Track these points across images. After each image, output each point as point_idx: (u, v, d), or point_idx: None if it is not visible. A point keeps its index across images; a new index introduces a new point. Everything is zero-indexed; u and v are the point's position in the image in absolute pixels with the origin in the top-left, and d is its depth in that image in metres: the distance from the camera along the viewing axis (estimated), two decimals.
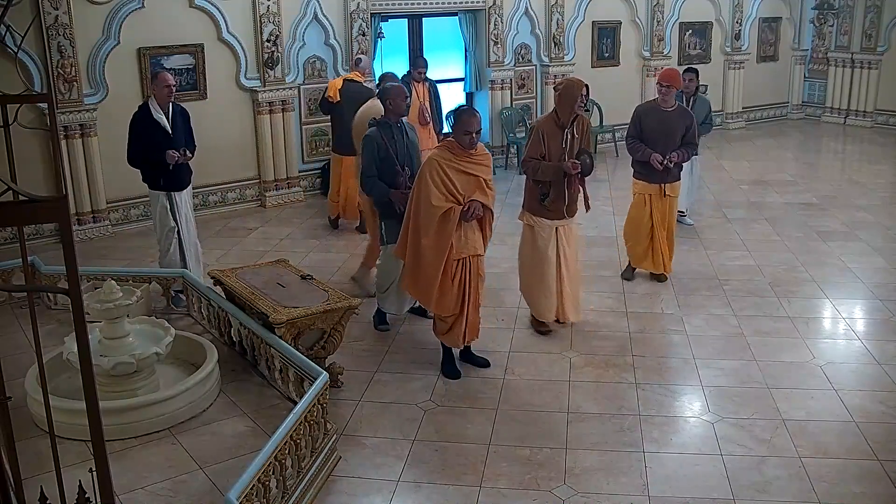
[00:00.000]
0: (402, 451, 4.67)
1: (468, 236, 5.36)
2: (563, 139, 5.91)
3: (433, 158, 5.36)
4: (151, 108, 6.58)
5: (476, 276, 5.43)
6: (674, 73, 7.10)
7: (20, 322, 6.39)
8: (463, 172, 5.31)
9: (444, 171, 5.27)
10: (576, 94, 5.85)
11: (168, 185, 6.68)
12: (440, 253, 5.26)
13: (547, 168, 5.89)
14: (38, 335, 2.90)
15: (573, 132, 5.93)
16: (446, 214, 5.24)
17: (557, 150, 5.90)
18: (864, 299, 6.91)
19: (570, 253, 6.11)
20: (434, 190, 5.25)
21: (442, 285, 5.33)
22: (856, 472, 4.41)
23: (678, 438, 4.79)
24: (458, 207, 5.25)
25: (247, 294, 5.56)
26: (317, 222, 9.47)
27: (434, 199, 5.25)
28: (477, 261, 5.44)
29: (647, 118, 7.01)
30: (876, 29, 14.28)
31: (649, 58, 13.42)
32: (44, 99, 3.07)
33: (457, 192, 5.27)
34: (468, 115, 5.29)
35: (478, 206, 5.29)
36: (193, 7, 9.30)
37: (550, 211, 5.98)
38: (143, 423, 4.81)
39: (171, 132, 6.58)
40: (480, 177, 5.37)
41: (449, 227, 5.25)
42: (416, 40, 11.57)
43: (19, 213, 1.92)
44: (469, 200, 5.27)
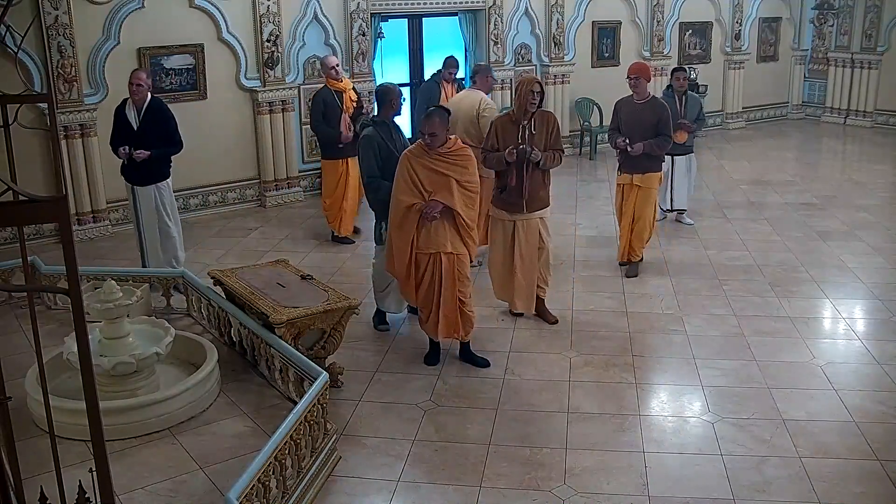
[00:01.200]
0: (402, 451, 4.67)
1: (436, 233, 5.45)
2: (519, 134, 6.05)
3: (405, 153, 5.54)
4: (127, 103, 6.91)
5: (449, 273, 5.48)
6: (642, 65, 7.49)
7: (20, 322, 6.39)
8: (432, 170, 5.42)
9: (412, 167, 5.42)
10: (525, 91, 6.00)
11: (129, 176, 7.03)
12: (404, 245, 5.47)
13: (493, 157, 6.11)
14: (38, 335, 2.90)
15: (531, 128, 6.05)
16: (409, 209, 5.41)
17: (512, 144, 6.03)
18: (864, 299, 6.91)
19: (525, 248, 6.21)
20: (401, 184, 5.45)
21: (408, 275, 5.54)
22: (856, 472, 4.41)
23: (678, 438, 4.79)
24: (419, 204, 5.39)
25: (247, 294, 5.56)
26: (317, 222, 9.46)
27: (399, 192, 5.46)
28: (450, 259, 5.49)
29: (623, 111, 7.30)
30: (876, 29, 14.29)
31: (649, 58, 13.41)
32: (44, 99, 3.07)
33: (422, 189, 5.40)
34: (427, 116, 5.45)
35: (435, 205, 5.37)
36: (193, 7, 9.31)
37: (507, 204, 6.14)
38: (143, 423, 4.81)
39: (135, 129, 6.82)
40: (452, 177, 5.43)
41: (410, 222, 5.43)
42: (416, 40, 11.57)
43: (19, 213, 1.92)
44: (431, 199, 5.38)
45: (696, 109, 8.70)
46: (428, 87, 9.27)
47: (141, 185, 6.98)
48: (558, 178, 11.10)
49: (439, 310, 5.53)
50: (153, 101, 6.92)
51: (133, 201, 7.07)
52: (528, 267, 6.26)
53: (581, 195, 10.17)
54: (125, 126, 6.87)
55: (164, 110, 6.98)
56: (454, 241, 5.50)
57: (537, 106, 6.05)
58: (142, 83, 6.80)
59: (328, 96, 8.29)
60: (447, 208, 5.41)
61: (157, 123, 6.86)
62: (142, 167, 6.87)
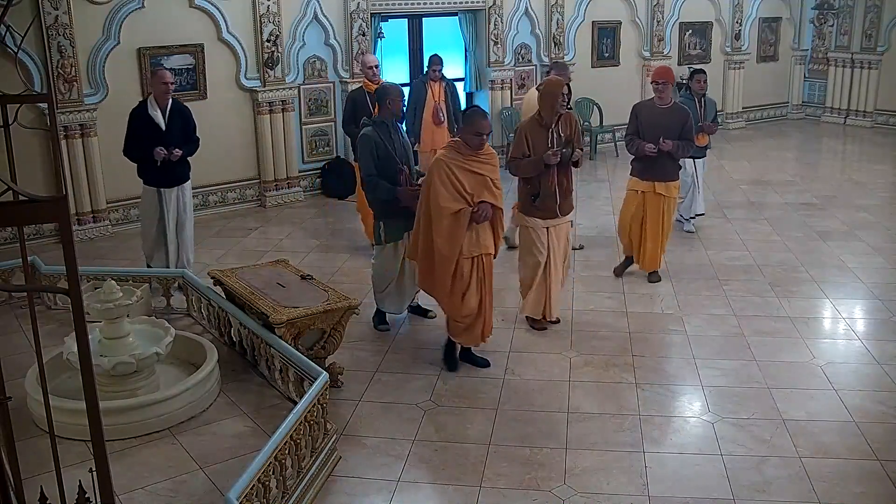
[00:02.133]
0: (402, 451, 4.67)
1: (480, 235, 5.39)
2: (549, 139, 5.94)
3: (440, 159, 5.38)
4: (149, 104, 6.76)
5: (490, 274, 5.48)
6: (667, 70, 7.26)
7: (20, 322, 6.39)
8: (471, 172, 5.34)
9: (452, 172, 5.30)
10: (556, 93, 5.88)
11: (156, 181, 6.88)
12: (451, 254, 5.31)
13: (528, 164, 5.93)
14: (38, 335, 2.90)
15: (559, 131, 5.96)
16: (456, 216, 5.26)
17: (543, 149, 5.92)
18: (864, 299, 6.91)
19: (558, 253, 6.15)
20: (442, 191, 5.28)
21: (455, 286, 5.37)
22: (856, 472, 4.41)
23: (678, 438, 4.79)
24: (467, 209, 5.27)
25: (247, 294, 5.56)
26: (317, 222, 9.47)
27: (442, 199, 5.28)
28: (489, 260, 5.48)
29: (643, 115, 7.07)
30: (876, 29, 14.28)
31: (649, 58, 13.42)
32: (44, 99, 3.07)
33: (465, 192, 5.29)
34: (480, 117, 5.35)
35: (487, 207, 5.31)
36: (193, 7, 9.31)
37: (541, 210, 6.02)
38: (143, 423, 4.81)
39: (164, 130, 6.71)
40: (487, 176, 5.38)
41: (460, 229, 5.28)
42: (416, 40, 11.57)
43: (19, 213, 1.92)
44: (479, 202, 5.29)
45: (713, 112, 8.63)
46: (415, 88, 9.29)
47: (168, 187, 6.91)
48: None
49: (484, 315, 5.48)
50: (175, 101, 6.91)
51: (158, 205, 6.93)
52: (561, 272, 6.22)
53: (581, 195, 10.16)
54: (150, 127, 6.72)
55: (187, 109, 7.02)
56: (491, 242, 5.47)
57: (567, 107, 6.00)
58: (172, 82, 6.80)
59: (360, 97, 7.89)
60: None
61: (182, 123, 6.87)
62: (171, 169, 6.81)
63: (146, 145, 6.71)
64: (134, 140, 6.79)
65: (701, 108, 8.33)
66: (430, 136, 8.97)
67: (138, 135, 6.75)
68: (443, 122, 9.10)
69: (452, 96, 9.33)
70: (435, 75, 9.09)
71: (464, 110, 5.46)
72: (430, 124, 9.00)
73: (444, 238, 5.29)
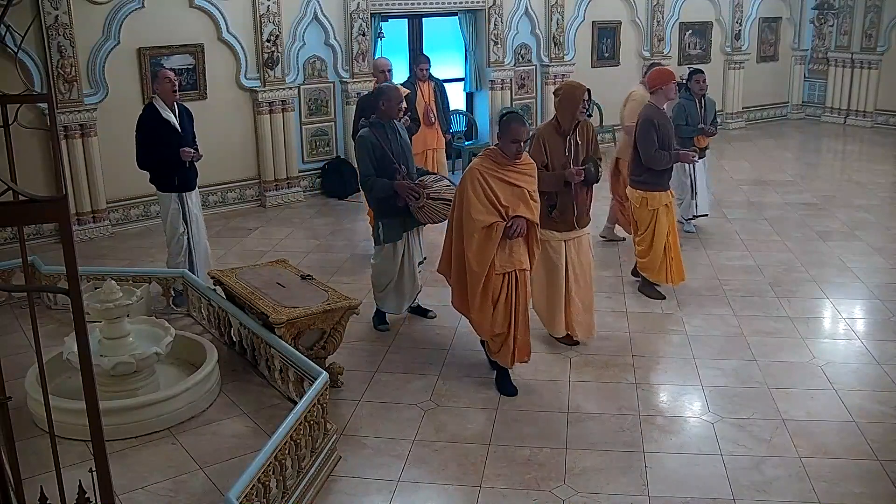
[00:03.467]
0: (402, 451, 4.67)
1: (513, 250, 5.07)
2: (567, 147, 5.63)
3: (474, 168, 5.05)
4: (158, 106, 6.55)
5: (524, 291, 5.15)
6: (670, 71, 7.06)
7: (20, 322, 6.39)
8: (507, 183, 5.01)
9: (487, 182, 4.98)
10: (578, 99, 5.52)
11: (180, 185, 6.66)
12: (481, 269, 5.01)
13: (549, 178, 5.55)
14: (38, 335, 2.90)
15: (576, 139, 5.66)
16: (489, 230, 4.96)
17: (561, 159, 5.63)
18: (864, 299, 6.91)
19: (580, 267, 5.82)
20: (475, 202, 4.96)
21: (484, 303, 5.09)
22: (856, 472, 4.41)
23: (678, 438, 4.79)
24: (501, 223, 4.96)
25: (247, 294, 5.56)
26: (317, 222, 9.47)
27: (475, 212, 4.97)
28: (524, 276, 5.14)
29: (661, 125, 6.57)
30: (876, 29, 14.28)
31: (649, 58, 13.38)
32: (44, 99, 3.07)
33: (499, 205, 4.97)
34: (518, 122, 5.01)
35: (522, 223, 4.98)
36: (193, 7, 9.31)
37: (559, 223, 5.70)
38: (143, 423, 4.81)
39: (180, 130, 6.60)
40: (525, 188, 5.06)
41: (491, 243, 4.98)
42: (416, 40, 11.57)
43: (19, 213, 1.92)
44: (513, 217, 4.98)
45: (713, 112, 8.60)
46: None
47: (189, 191, 6.73)
48: None
49: (515, 335, 5.14)
50: (178, 102, 6.78)
51: (181, 209, 6.70)
52: (584, 287, 5.85)
53: None
54: (167, 129, 6.52)
55: (189, 110, 6.93)
56: (526, 258, 5.14)
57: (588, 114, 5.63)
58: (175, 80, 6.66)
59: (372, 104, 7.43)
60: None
61: (191, 123, 6.80)
62: (193, 171, 6.71)
63: (166, 149, 6.47)
64: (150, 146, 6.52)
65: (702, 108, 8.28)
66: (422, 138, 8.59)
67: (155, 140, 6.49)
68: (433, 122, 8.82)
69: (442, 96, 9.19)
70: (423, 75, 8.86)
71: (501, 115, 5.16)
72: (421, 125, 8.87)
73: (473, 253, 4.99)
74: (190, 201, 6.78)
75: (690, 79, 8.38)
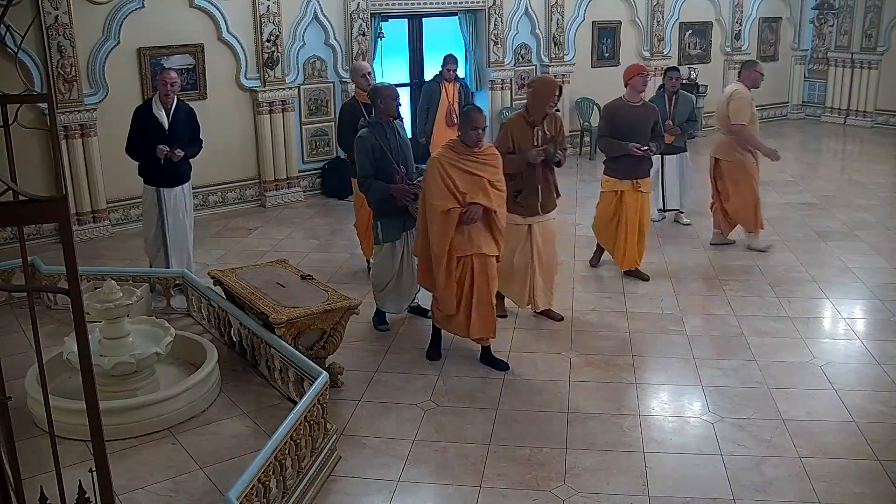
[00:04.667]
0: (402, 451, 4.67)
1: (472, 236, 5.38)
2: (535, 136, 5.99)
3: (436, 157, 5.42)
4: (154, 103, 6.76)
5: (483, 275, 5.43)
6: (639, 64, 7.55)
7: (20, 322, 6.39)
8: (466, 172, 5.34)
9: (446, 171, 5.31)
10: (549, 94, 5.90)
11: (157, 180, 6.88)
12: (441, 251, 5.35)
13: (511, 160, 5.90)
14: (38, 335, 2.90)
15: (544, 130, 6.01)
16: (446, 215, 5.29)
17: (528, 147, 5.96)
18: (864, 299, 6.91)
19: (544, 249, 6.19)
20: (434, 189, 5.32)
21: (448, 282, 5.42)
22: (856, 472, 4.41)
23: (678, 438, 4.79)
24: (457, 209, 5.28)
25: (247, 294, 5.56)
26: (317, 222, 9.47)
27: (433, 198, 5.32)
28: (483, 260, 5.43)
29: (618, 115, 7.05)
30: (876, 29, 14.28)
31: (649, 58, 13.42)
32: (44, 99, 3.07)
33: (457, 192, 5.29)
34: (476, 111, 5.40)
35: (477, 210, 5.30)
36: (193, 7, 9.31)
37: (524, 207, 6.06)
38: (143, 423, 4.81)
39: (167, 129, 6.71)
40: (484, 177, 5.36)
41: (449, 228, 5.30)
42: (416, 40, 11.57)
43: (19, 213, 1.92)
44: (468, 203, 5.29)
45: (688, 109, 8.68)
46: (429, 88, 9.23)
47: (169, 187, 6.90)
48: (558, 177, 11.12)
49: (471, 310, 5.45)
50: (180, 101, 6.91)
51: (158, 204, 6.92)
52: (546, 268, 6.27)
53: (581, 195, 10.15)
54: (153, 126, 6.72)
55: (192, 110, 7.01)
56: (488, 243, 5.45)
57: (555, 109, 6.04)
58: (176, 82, 6.80)
59: (356, 110, 7.07)
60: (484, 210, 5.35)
61: (188, 123, 6.88)
62: (172, 168, 6.81)
63: (148, 144, 6.70)
64: (136, 138, 6.80)
65: (671, 105, 8.51)
66: (443, 138, 8.69)
67: (141, 133, 6.76)
68: (455, 123, 8.91)
69: (465, 97, 9.22)
70: (449, 76, 8.93)
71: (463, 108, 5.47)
72: (442, 125, 8.89)
73: (434, 236, 5.36)
74: (168, 196, 6.91)
75: (665, 75, 8.69)
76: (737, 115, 7.62)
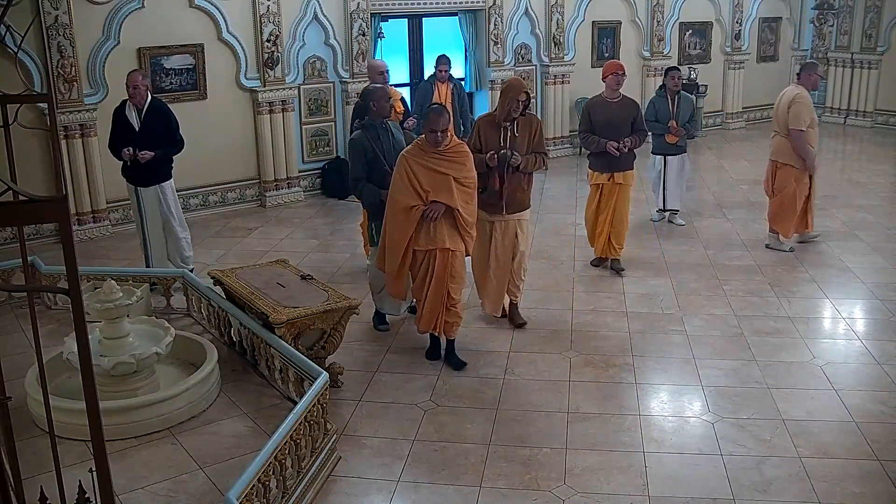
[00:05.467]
0: (402, 451, 4.67)
1: (437, 231, 5.45)
2: (502, 136, 6.02)
3: (403, 155, 5.52)
4: (127, 104, 6.90)
5: (441, 269, 5.48)
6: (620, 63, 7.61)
7: (20, 322, 6.39)
8: (431, 170, 5.41)
9: (411, 168, 5.41)
10: (513, 95, 5.92)
11: (133, 179, 7.01)
12: (400, 241, 5.46)
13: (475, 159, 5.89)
14: (38, 335, 2.90)
15: (514, 131, 6.02)
16: (408, 210, 5.40)
17: (494, 146, 6.00)
18: (864, 299, 6.91)
19: (501, 249, 6.18)
20: (399, 185, 5.43)
21: (400, 271, 5.55)
22: (856, 472, 4.41)
23: (678, 438, 4.79)
24: (420, 206, 5.38)
25: (247, 294, 5.56)
26: (317, 222, 9.47)
27: (397, 193, 5.44)
28: (445, 255, 5.48)
29: (595, 112, 7.25)
30: (876, 29, 14.28)
31: (649, 58, 13.42)
32: (44, 99, 3.07)
33: (420, 190, 5.39)
34: (435, 113, 5.44)
35: (438, 208, 5.38)
36: (193, 7, 9.30)
37: (487, 205, 6.07)
38: (143, 423, 4.81)
39: (136, 130, 6.82)
40: (450, 174, 5.42)
41: (410, 224, 5.42)
42: (416, 40, 11.57)
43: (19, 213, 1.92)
44: (431, 201, 5.37)
45: (689, 110, 8.69)
46: (422, 89, 9.23)
47: (144, 186, 7.00)
48: (558, 178, 11.14)
49: (422, 305, 5.58)
50: (153, 101, 6.95)
51: (136, 203, 7.07)
52: (501, 269, 6.24)
53: (581, 195, 10.16)
54: (126, 127, 6.87)
55: (166, 111, 7.01)
56: (452, 238, 5.51)
57: (521, 113, 6.02)
58: (138, 85, 6.83)
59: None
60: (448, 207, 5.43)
61: (159, 124, 6.90)
62: (144, 168, 6.87)
63: (120, 145, 6.86)
64: (112, 138, 6.99)
65: (674, 106, 8.53)
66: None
67: (115, 133, 6.94)
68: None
69: (459, 97, 9.22)
70: (442, 76, 8.96)
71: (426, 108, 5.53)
72: None
73: (392, 226, 5.48)
74: (144, 195, 7.01)
75: (666, 76, 8.69)
76: (796, 120, 7.61)
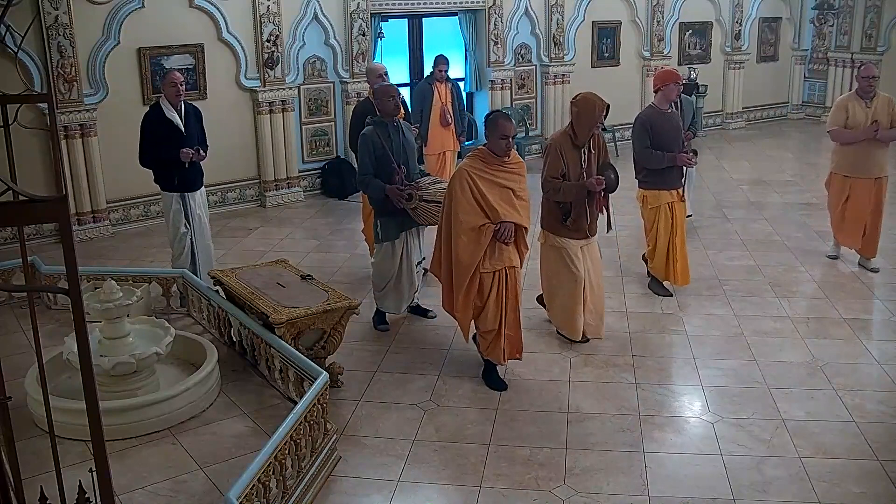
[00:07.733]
0: (402, 451, 4.67)
1: (502, 250, 5.15)
2: (582, 158, 5.67)
3: (463, 169, 5.10)
4: (163, 107, 6.61)
5: (513, 289, 5.21)
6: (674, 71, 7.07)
7: (20, 322, 6.39)
8: (495, 184, 5.08)
9: (475, 183, 5.04)
10: (597, 116, 5.55)
11: (182, 185, 6.71)
12: (467, 269, 5.10)
13: (569, 188, 5.61)
14: (38, 335, 2.90)
15: (590, 148, 5.71)
16: (477, 231, 5.03)
17: (576, 170, 5.65)
18: (864, 299, 6.90)
19: (594, 272, 5.91)
20: (463, 203, 5.03)
21: (465, 302, 5.18)
22: (856, 472, 4.41)
23: (678, 438, 4.79)
24: (490, 226, 5.02)
25: (247, 294, 5.56)
26: (317, 222, 9.47)
27: (462, 212, 5.03)
28: (513, 273, 5.21)
29: (656, 124, 6.68)
30: (876, 29, 14.28)
31: (649, 58, 13.42)
32: (44, 99, 3.07)
33: (486, 206, 5.04)
34: (504, 118, 5.10)
35: (510, 227, 5.06)
36: (193, 7, 9.31)
37: (573, 231, 5.74)
38: (143, 423, 4.81)
39: (184, 131, 6.62)
40: (512, 188, 5.13)
41: (479, 246, 5.05)
42: (416, 40, 11.57)
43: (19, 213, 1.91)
44: (501, 222, 5.04)
45: (690, 111, 8.63)
46: (421, 90, 9.21)
47: (192, 191, 6.77)
48: None
49: (506, 329, 5.22)
50: (186, 102, 6.79)
51: (183, 210, 6.75)
52: (598, 291, 5.98)
53: None
54: (170, 129, 6.56)
55: (199, 110, 6.92)
56: (515, 255, 5.23)
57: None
58: (182, 83, 6.65)
59: (369, 112, 6.75)
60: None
61: (197, 123, 6.80)
62: (192, 171, 6.70)
63: (168, 149, 6.52)
64: (152, 145, 6.58)
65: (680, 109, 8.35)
66: (439, 139, 8.80)
67: (157, 139, 6.55)
68: (450, 123, 8.86)
69: (458, 97, 9.24)
70: (441, 76, 8.94)
71: (488, 114, 5.26)
72: (437, 126, 8.86)
73: (460, 252, 5.09)
74: (193, 201, 6.80)
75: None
76: (828, 122, 7.73)
